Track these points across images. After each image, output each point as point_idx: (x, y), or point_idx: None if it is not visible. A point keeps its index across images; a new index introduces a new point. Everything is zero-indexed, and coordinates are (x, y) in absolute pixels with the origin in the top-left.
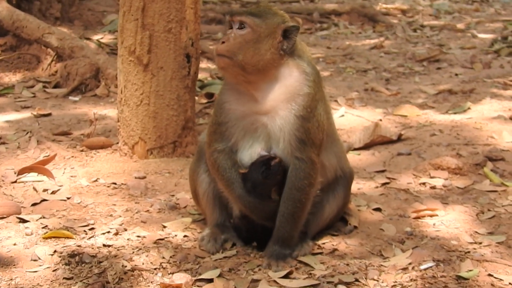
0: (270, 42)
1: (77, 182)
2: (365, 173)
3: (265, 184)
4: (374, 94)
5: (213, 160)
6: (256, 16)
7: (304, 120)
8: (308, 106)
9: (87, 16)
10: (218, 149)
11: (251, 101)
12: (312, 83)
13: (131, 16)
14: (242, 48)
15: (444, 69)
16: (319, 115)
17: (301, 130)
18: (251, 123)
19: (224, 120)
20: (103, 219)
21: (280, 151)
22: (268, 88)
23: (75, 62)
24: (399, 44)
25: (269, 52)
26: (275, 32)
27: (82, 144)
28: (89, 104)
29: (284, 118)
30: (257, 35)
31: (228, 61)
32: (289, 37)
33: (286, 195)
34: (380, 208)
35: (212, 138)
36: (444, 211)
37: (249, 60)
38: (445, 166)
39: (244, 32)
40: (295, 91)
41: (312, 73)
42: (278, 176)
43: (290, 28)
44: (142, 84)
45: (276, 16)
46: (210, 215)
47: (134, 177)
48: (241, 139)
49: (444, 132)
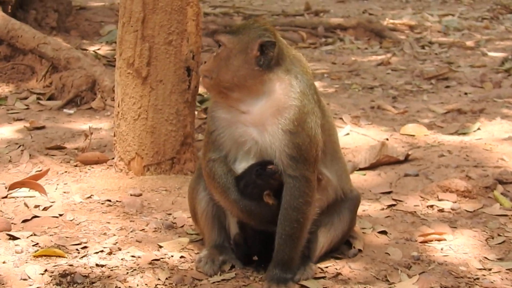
0: (242, 57)
1: (70, 199)
2: (370, 194)
3: (256, 184)
4: (380, 112)
5: (208, 170)
6: (230, 33)
7: (292, 135)
8: (295, 120)
9: (84, 26)
10: (212, 158)
11: (238, 111)
12: (298, 94)
13: (131, 27)
14: (217, 66)
15: (453, 87)
16: (310, 129)
17: (290, 146)
18: (239, 135)
19: (213, 128)
20: (97, 237)
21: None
22: (254, 102)
23: (70, 73)
24: (407, 61)
25: (242, 67)
26: (248, 48)
27: (76, 159)
28: (84, 118)
29: (273, 134)
30: (229, 51)
31: (208, 81)
32: (265, 52)
33: (283, 216)
34: (386, 231)
35: (206, 148)
36: (453, 235)
37: (223, 77)
38: (453, 189)
39: (219, 50)
40: (280, 105)
41: (298, 85)
42: (271, 181)
43: (266, 43)
44: (140, 97)
45: (253, 31)
46: (208, 235)
47: (130, 194)
48: (232, 150)
49: (453, 153)
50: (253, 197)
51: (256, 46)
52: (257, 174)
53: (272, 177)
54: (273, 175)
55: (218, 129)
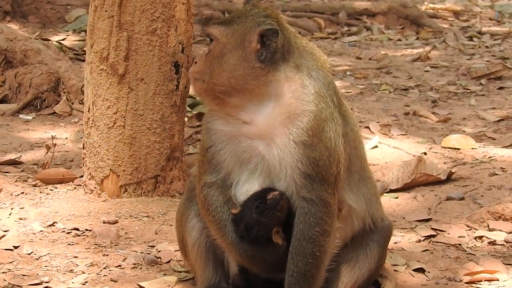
0: (239, 53)
1: (27, 227)
2: (404, 223)
3: (261, 224)
4: (416, 119)
5: (202, 197)
6: (223, 24)
7: (307, 148)
8: (310, 128)
9: (45, 10)
10: (208, 182)
11: (240, 121)
12: (313, 97)
13: (105, 12)
14: (209, 66)
15: (508, 89)
16: (328, 140)
17: (305, 161)
18: (243, 150)
19: (209, 143)
20: (61, 275)
21: (282, 189)
22: (258, 109)
23: (28, 69)
24: (450, 55)
25: (240, 65)
26: (245, 40)
27: (36, 177)
28: (46, 125)
29: (282, 147)
30: (222, 46)
31: (200, 85)
32: (266, 44)
33: (295, 249)
34: (423, 268)
35: (201, 169)
36: (507, 274)
37: (218, 79)
38: (508, 216)
39: (211, 46)
40: (290, 111)
41: (313, 85)
42: (279, 214)
43: (266, 32)
44: (116, 100)
45: (250, 19)
46: (201, 273)
47: (103, 222)
48: (233, 170)
49: (508, 170)
50: (259, 242)
51: (255, 37)
52: (259, 211)
53: (278, 207)
54: (277, 205)
55: (216, 144)
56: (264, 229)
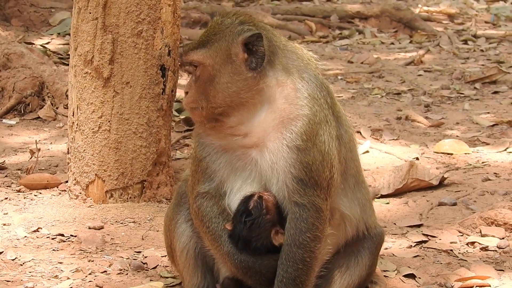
0: (228, 69)
1: (11, 233)
2: (395, 228)
3: (256, 235)
4: (409, 124)
5: (196, 208)
6: (201, 46)
7: (301, 153)
8: (303, 133)
9: (29, 13)
10: (201, 192)
11: (235, 135)
12: (306, 100)
13: (89, 14)
14: (202, 92)
15: (503, 93)
16: (322, 143)
17: (298, 166)
18: (237, 158)
19: (203, 155)
20: (46, 281)
21: (275, 194)
22: (253, 120)
23: (11, 73)
24: (444, 59)
25: (233, 81)
26: (231, 54)
27: (20, 182)
28: (30, 130)
29: (275, 152)
30: (210, 69)
31: (199, 113)
32: (253, 51)
33: (285, 254)
34: (414, 274)
35: (195, 179)
36: (499, 280)
37: (215, 102)
38: (501, 221)
39: (198, 73)
40: (284, 115)
41: (306, 88)
42: (268, 216)
43: (249, 39)
44: (101, 104)
45: (227, 32)
46: (189, 278)
47: (88, 227)
48: (228, 179)
49: (501, 176)
50: (262, 250)
51: (240, 47)
52: (248, 226)
53: (263, 211)
54: (262, 209)
55: (211, 155)
56: (261, 238)
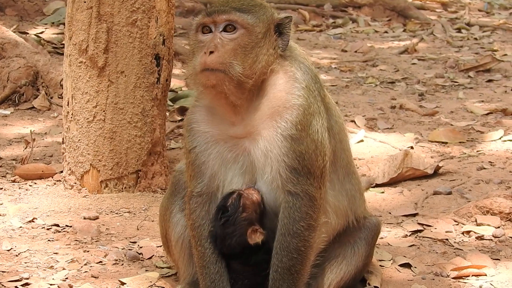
0: (267, 42)
1: (6, 223)
2: (390, 217)
3: (231, 233)
4: (403, 113)
5: (188, 209)
6: (245, 12)
7: (294, 142)
8: (298, 123)
9: (23, 3)
10: (195, 192)
11: (227, 121)
12: (303, 91)
13: (83, 3)
14: (239, 57)
15: (497, 82)
16: (315, 133)
17: (291, 155)
18: (228, 149)
19: (193, 144)
20: (41, 272)
21: (267, 184)
22: (249, 105)
23: (6, 63)
24: (438, 48)
25: (266, 55)
26: (270, 29)
27: (14, 172)
28: (24, 120)
29: (269, 140)
30: (255, 36)
31: (222, 77)
32: (282, 32)
33: (279, 244)
34: (409, 263)
35: (188, 173)
36: (494, 269)
37: (249, 71)
38: (496, 210)
39: (236, 36)
40: (280, 104)
41: (304, 78)
42: (244, 214)
43: (283, 20)
44: (96, 93)
45: (265, 8)
46: (184, 268)
47: (83, 218)
48: (218, 172)
49: (496, 165)
50: (237, 250)
51: (273, 26)
52: (222, 223)
53: (240, 209)
54: (239, 207)
55: (200, 145)
56: (236, 235)
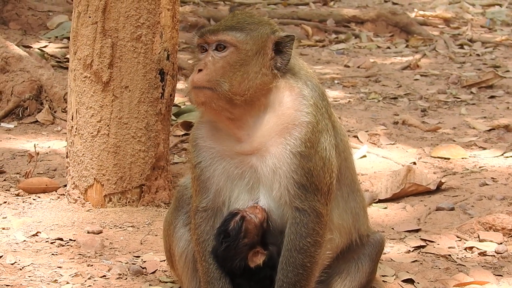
0: (260, 61)
1: (10, 237)
2: (393, 233)
3: (229, 256)
4: (406, 128)
5: (194, 225)
6: (237, 30)
7: (303, 159)
8: (307, 140)
9: (27, 17)
10: (200, 207)
11: (232, 137)
12: (311, 108)
13: (88, 18)
14: (226, 75)
15: (500, 98)
16: (324, 150)
17: (300, 171)
18: (235, 166)
19: (198, 159)
20: (45, 286)
21: (275, 200)
22: (255, 122)
23: (10, 77)
24: (441, 64)
25: (260, 74)
26: (265, 47)
27: (18, 186)
28: (28, 134)
29: (278, 157)
30: (244, 54)
31: (210, 94)
32: (282, 51)
33: (285, 259)
34: (412, 279)
35: (194, 188)
36: (497, 285)
37: (237, 89)
38: (499, 226)
39: (225, 54)
40: (289, 121)
41: (311, 96)
42: (245, 240)
43: (283, 39)
44: (100, 108)
45: (262, 25)
46: (188, 283)
47: (87, 232)
48: (224, 188)
49: (499, 181)
50: (234, 272)
51: (271, 45)
52: (223, 248)
53: (241, 234)
54: (240, 232)
55: (206, 160)
56: (237, 259)
